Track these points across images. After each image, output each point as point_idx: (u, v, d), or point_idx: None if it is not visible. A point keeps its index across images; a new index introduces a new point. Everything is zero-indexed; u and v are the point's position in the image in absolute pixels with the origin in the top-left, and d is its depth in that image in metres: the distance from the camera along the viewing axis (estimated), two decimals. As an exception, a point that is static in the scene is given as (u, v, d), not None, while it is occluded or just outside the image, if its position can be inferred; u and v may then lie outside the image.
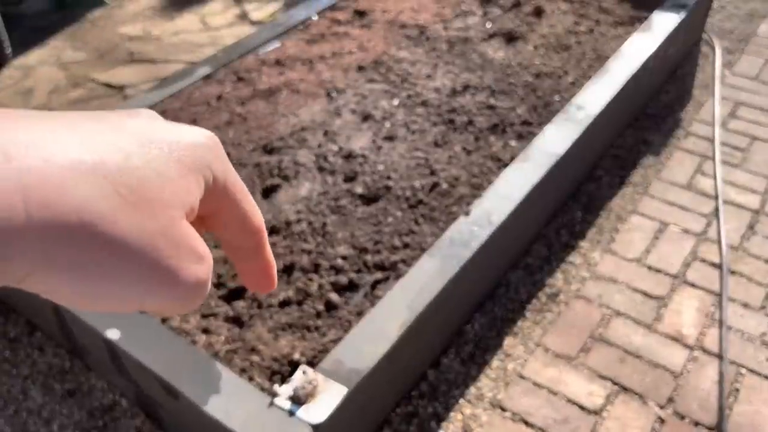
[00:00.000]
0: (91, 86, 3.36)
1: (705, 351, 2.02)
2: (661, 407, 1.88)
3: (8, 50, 3.46)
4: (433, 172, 2.21)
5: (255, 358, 1.63)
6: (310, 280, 1.84)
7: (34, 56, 3.60)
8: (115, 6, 4.09)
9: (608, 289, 2.22)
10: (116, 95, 3.30)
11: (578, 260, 2.32)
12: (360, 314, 1.75)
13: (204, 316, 1.75)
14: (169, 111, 2.51)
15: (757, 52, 3.47)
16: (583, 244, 2.38)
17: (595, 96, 2.49)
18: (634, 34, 2.85)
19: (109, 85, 3.37)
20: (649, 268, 2.28)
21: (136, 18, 3.98)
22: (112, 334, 1.67)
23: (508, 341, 2.06)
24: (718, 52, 3.43)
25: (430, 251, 1.89)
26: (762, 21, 3.75)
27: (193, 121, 2.45)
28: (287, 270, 1.88)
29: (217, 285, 1.84)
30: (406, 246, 1.95)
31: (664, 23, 2.90)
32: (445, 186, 2.15)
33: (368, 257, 1.91)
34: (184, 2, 4.16)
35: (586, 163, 2.63)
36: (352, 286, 1.83)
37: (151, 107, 2.50)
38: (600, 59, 2.75)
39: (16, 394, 1.92)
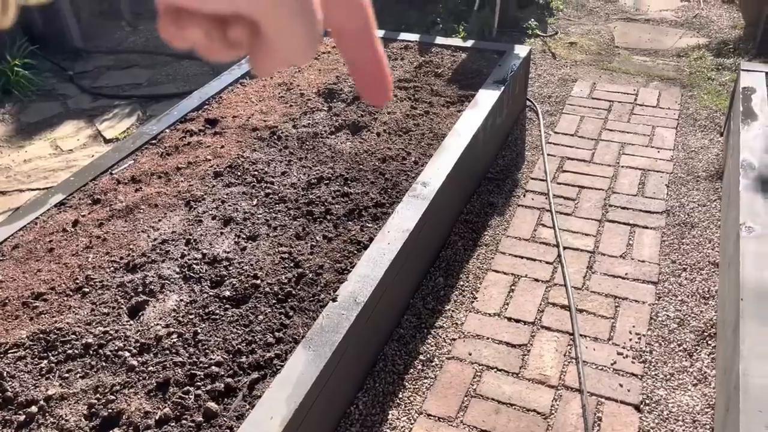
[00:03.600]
0: (-66, 228, 3.20)
1: (567, 388, 2.22)
2: (537, 448, 2.03)
3: None
4: (297, 264, 2.31)
5: (136, 484, 1.60)
6: (186, 393, 1.85)
7: None
8: (-44, 141, 3.95)
9: (476, 345, 2.38)
10: (-36, 233, 3.16)
11: (446, 323, 2.48)
12: (240, 417, 1.78)
13: (78, 452, 1.70)
14: (22, 244, 2.46)
15: (573, 111, 3.96)
16: (449, 307, 2.55)
17: (437, 171, 2.74)
18: (464, 112, 3.18)
19: (-45, 224, 3.22)
20: (509, 319, 2.49)
21: (-20, 150, 3.86)
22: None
23: (392, 414, 2.15)
24: (541, 116, 3.87)
25: (304, 342, 1.97)
26: (574, 84, 4.29)
27: (50, 251, 2.42)
28: (162, 387, 1.87)
29: (90, 416, 1.80)
30: (279, 341, 2.02)
31: (488, 98, 3.26)
32: (310, 275, 2.26)
33: (243, 359, 1.95)
34: (33, 128, 4.10)
35: (440, 231, 2.85)
36: (229, 391, 1.86)
37: (2, 242, 2.45)
38: (437, 137, 3.03)
39: None
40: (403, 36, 4.12)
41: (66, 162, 3.72)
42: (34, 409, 1.82)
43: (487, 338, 2.41)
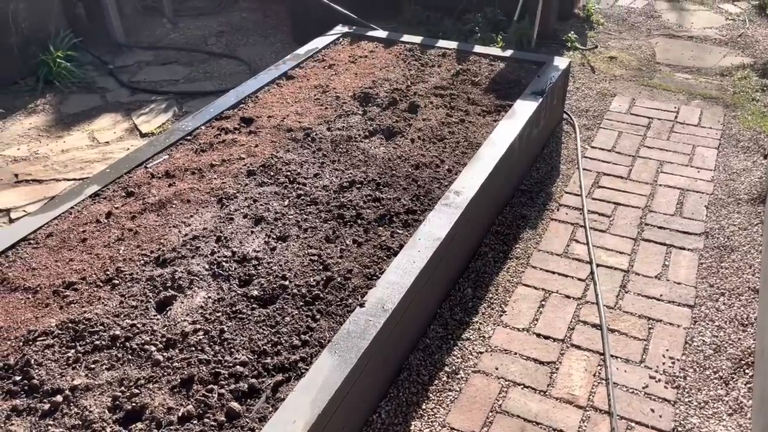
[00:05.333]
0: (-28, 213, 3.26)
1: (596, 409, 2.15)
2: (563, 470, 1.97)
3: None
4: (326, 267, 2.29)
5: (156, 480, 1.59)
6: (210, 391, 1.84)
7: None
8: (-3, 128, 4.03)
9: (503, 360, 2.33)
10: (2, 218, 3.21)
11: (473, 336, 2.44)
12: (263, 420, 1.76)
13: (100, 444, 1.70)
14: (56, 233, 2.48)
15: (611, 126, 3.88)
16: (476, 320, 2.51)
17: (470, 180, 2.70)
18: (500, 121, 3.14)
19: (-8, 210, 3.28)
20: (538, 335, 2.43)
21: (21, 139, 3.93)
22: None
23: (414, 426, 2.11)
24: (578, 129, 3.81)
25: (329, 346, 1.95)
26: (612, 98, 4.22)
27: (83, 241, 2.44)
28: (186, 384, 1.87)
29: (114, 408, 1.80)
30: (305, 344, 2.00)
31: (525, 109, 3.21)
32: (339, 279, 2.23)
33: (268, 360, 1.94)
34: (72, 119, 4.16)
35: (471, 242, 2.81)
36: (252, 392, 1.84)
37: (37, 230, 2.47)
38: (472, 146, 3.00)
39: None
40: (441, 43, 4.09)
41: (102, 154, 3.77)
42: (59, 398, 1.82)
43: (515, 353, 2.36)
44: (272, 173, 2.83)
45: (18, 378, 1.89)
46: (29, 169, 3.63)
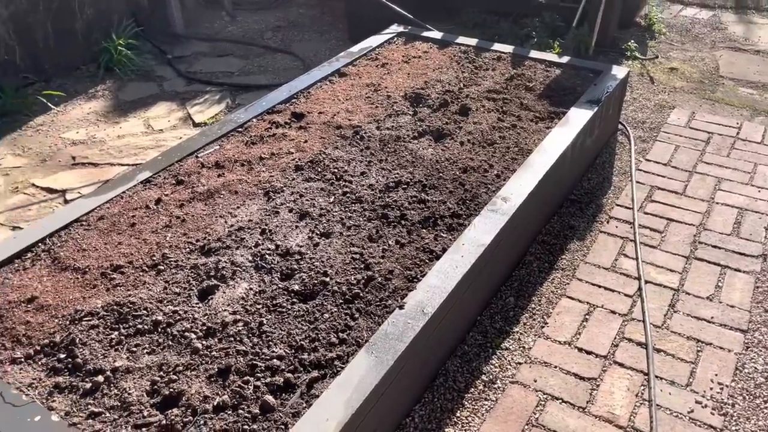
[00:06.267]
0: (31, 191, 3.37)
1: (637, 431, 2.08)
2: (598, 491, 1.91)
3: (-55, 159, 3.46)
4: (368, 267, 2.28)
5: (188, 467, 1.61)
6: (246, 382, 1.85)
7: (-28, 164, 3.60)
8: (59, 111, 4.16)
9: (542, 372, 2.28)
10: (58, 199, 3.32)
11: (513, 345, 2.39)
12: (296, 415, 1.76)
13: (136, 427, 1.73)
14: (107, 216, 2.54)
15: (668, 139, 3.76)
16: (517, 329, 2.46)
17: (519, 187, 2.65)
18: (553, 129, 3.07)
19: (50, 190, 3.38)
20: (580, 350, 2.37)
21: (80, 123, 4.05)
22: (40, 450, 1.63)
23: (447, 432, 2.08)
24: (633, 141, 3.70)
25: (367, 346, 1.93)
26: (671, 111, 4.08)
27: (132, 225, 2.49)
28: (222, 373, 1.88)
29: (152, 392, 1.82)
30: (342, 342, 1.99)
31: (580, 117, 3.14)
32: (380, 279, 2.22)
33: (305, 356, 1.94)
34: (129, 106, 4.27)
35: (516, 250, 2.76)
36: (288, 386, 1.84)
37: (89, 212, 2.54)
38: (523, 152, 2.94)
39: None
40: (496, 47, 4.04)
41: (156, 141, 3.85)
42: (100, 378, 1.86)
43: (555, 367, 2.30)
44: (319, 169, 2.84)
45: (62, 356, 1.94)
46: (86, 152, 3.73)
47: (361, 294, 2.16)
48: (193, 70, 4.79)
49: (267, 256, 2.32)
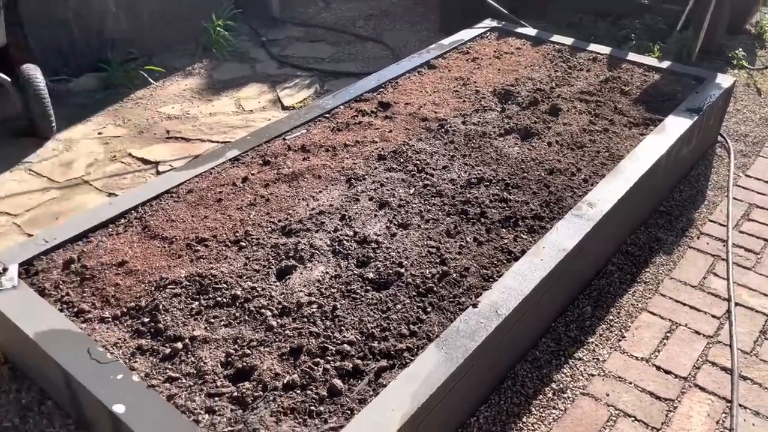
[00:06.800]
0: (127, 161, 3.54)
1: (714, 459, 1.98)
2: None
3: (53, 125, 3.68)
4: (443, 262, 2.26)
5: (255, 440, 1.65)
6: (316, 364, 1.88)
7: (77, 131, 3.82)
8: (158, 86, 4.34)
9: (616, 387, 2.20)
10: (151, 170, 3.47)
11: (586, 356, 2.32)
12: (363, 402, 1.77)
13: (209, 395, 1.79)
14: (196, 190, 2.64)
15: (773, 156, 3.53)
16: (592, 340, 2.38)
17: (607, 194, 2.56)
18: (647, 135, 2.95)
19: (144, 161, 3.54)
20: (659, 368, 2.27)
21: (176, 99, 4.22)
22: (118, 408, 1.71)
23: (511, 437, 2.04)
24: (733, 154, 3.50)
25: (437, 341, 1.92)
26: (778, 125, 3.83)
27: (218, 201, 2.57)
28: (294, 353, 1.92)
29: (226, 364, 1.88)
30: (413, 334, 1.99)
31: (677, 126, 2.99)
32: (455, 275, 2.20)
33: (375, 344, 1.94)
34: (222, 86, 4.41)
35: (598, 258, 2.67)
36: (356, 373, 1.86)
37: (179, 185, 2.64)
38: (613, 158, 2.83)
39: (22, 462, 1.95)
40: (592, 47, 3.91)
41: (245, 121, 3.96)
42: (179, 345, 1.94)
43: (630, 383, 2.22)
44: (402, 160, 2.84)
45: (146, 320, 2.03)
46: (179, 127, 3.88)
47: (435, 288, 2.15)
48: (285, 54, 4.89)
49: (345, 241, 2.35)
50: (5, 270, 2.13)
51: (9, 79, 3.49)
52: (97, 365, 1.84)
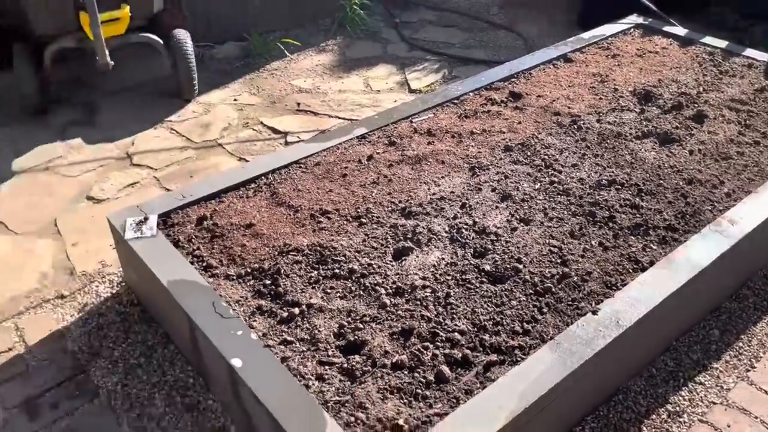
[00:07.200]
0: (258, 129, 3.70)
1: None
2: None
3: (196, 88, 3.91)
4: (565, 263, 2.18)
5: (361, 415, 1.68)
6: (426, 348, 1.88)
7: (215, 96, 4.03)
8: (292, 59, 4.49)
9: (738, 419, 2.04)
10: (279, 139, 3.60)
11: (709, 382, 2.17)
12: (469, 393, 1.75)
13: (321, 363, 1.84)
14: (323, 163, 2.70)
15: None
16: (717, 366, 2.22)
17: (752, 212, 2.36)
18: (805, 153, 2.69)
19: (274, 130, 3.68)
20: (792, 407, 2.08)
21: (308, 73, 4.34)
22: (236, 362, 1.80)
23: (618, 453, 1.95)
24: None
25: (551, 343, 1.86)
26: None
27: (343, 176, 2.62)
28: (405, 334, 1.93)
29: (338, 335, 1.93)
30: (526, 333, 1.94)
31: (842, 146, 2.70)
32: (575, 279, 2.12)
33: (486, 337, 1.92)
34: (353, 64, 4.48)
35: (732, 279, 2.48)
36: (465, 363, 1.84)
37: (307, 157, 2.71)
38: (763, 174, 2.61)
39: (142, 398, 2.11)
40: (749, 52, 3.61)
41: (372, 100, 4.01)
42: (296, 310, 2.00)
43: (756, 417, 2.05)
44: (529, 153, 2.76)
45: (268, 282, 2.11)
46: (309, 101, 4.00)
47: (554, 289, 2.08)
48: (416, 37, 4.89)
49: (463, 230, 2.32)
50: (146, 219, 2.29)
51: (162, 42, 3.73)
52: (220, 319, 1.93)
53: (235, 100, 3.99)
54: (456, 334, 1.92)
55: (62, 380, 2.16)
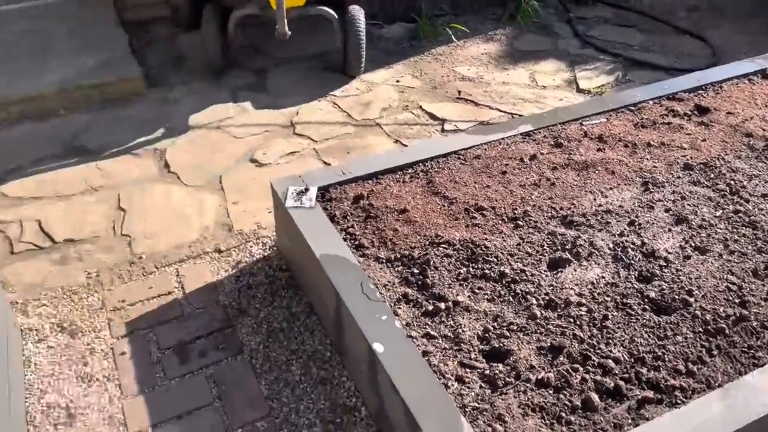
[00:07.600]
0: (417, 113, 3.67)
1: None
2: None
3: (362, 66, 3.95)
4: (744, 304, 1.95)
5: (499, 427, 1.60)
6: (575, 369, 1.76)
7: (379, 75, 4.05)
8: (458, 45, 4.41)
9: None
10: (436, 126, 3.56)
11: None
12: (618, 428, 1.62)
13: (462, 365, 1.78)
14: (483, 157, 2.62)
15: None
16: None
17: None
18: None
19: (432, 116, 3.64)
20: None
21: (472, 61, 4.25)
22: (378, 346, 1.78)
23: None
24: None
25: (720, 391, 1.68)
26: None
27: (503, 173, 2.52)
28: (553, 350, 1.82)
29: (482, 339, 1.85)
30: (690, 374, 1.75)
31: None
32: (754, 324, 1.89)
33: (643, 370, 1.76)
34: (520, 56, 4.32)
35: None
36: (617, 393, 1.70)
37: (467, 149, 2.64)
38: None
39: (281, 363, 2.16)
40: None
41: (536, 96, 3.85)
42: (441, 305, 1.95)
43: None
44: (712, 176, 2.50)
45: (416, 271, 2.08)
46: (471, 90, 3.91)
47: (727, 331, 1.87)
48: (590, 34, 4.62)
49: (629, 249, 2.15)
50: (307, 190, 2.33)
51: (336, 17, 3.79)
52: (366, 300, 1.93)
53: (397, 81, 4.00)
54: (610, 361, 1.78)
55: (212, 330, 2.27)
